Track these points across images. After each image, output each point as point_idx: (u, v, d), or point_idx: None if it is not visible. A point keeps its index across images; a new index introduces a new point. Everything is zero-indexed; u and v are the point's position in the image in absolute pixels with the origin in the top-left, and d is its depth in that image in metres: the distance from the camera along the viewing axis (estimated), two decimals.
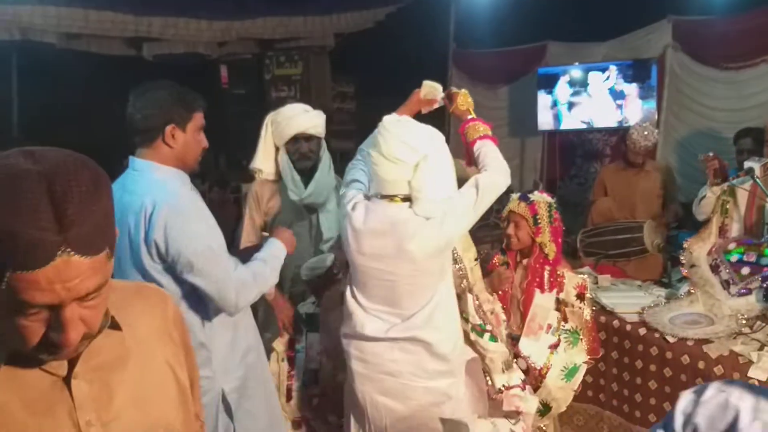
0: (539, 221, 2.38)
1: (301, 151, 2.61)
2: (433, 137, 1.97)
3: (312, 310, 2.58)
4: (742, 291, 2.70)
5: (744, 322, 2.52)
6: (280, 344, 2.54)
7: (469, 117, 2.25)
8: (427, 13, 6.97)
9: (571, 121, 6.00)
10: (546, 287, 2.37)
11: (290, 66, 7.31)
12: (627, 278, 3.44)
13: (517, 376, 2.30)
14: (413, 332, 1.99)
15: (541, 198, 2.44)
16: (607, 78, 5.68)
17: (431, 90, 2.34)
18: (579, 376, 2.35)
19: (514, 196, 2.52)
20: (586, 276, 2.43)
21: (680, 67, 5.38)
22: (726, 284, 2.76)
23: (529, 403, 2.29)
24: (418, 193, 1.90)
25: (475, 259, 2.33)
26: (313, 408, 2.54)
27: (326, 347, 2.48)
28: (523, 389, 2.29)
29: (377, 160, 1.92)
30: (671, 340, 2.59)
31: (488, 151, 2.14)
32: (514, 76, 6.72)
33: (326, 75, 7.51)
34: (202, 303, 1.90)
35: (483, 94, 7.08)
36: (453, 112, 2.32)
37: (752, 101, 4.86)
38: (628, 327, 2.80)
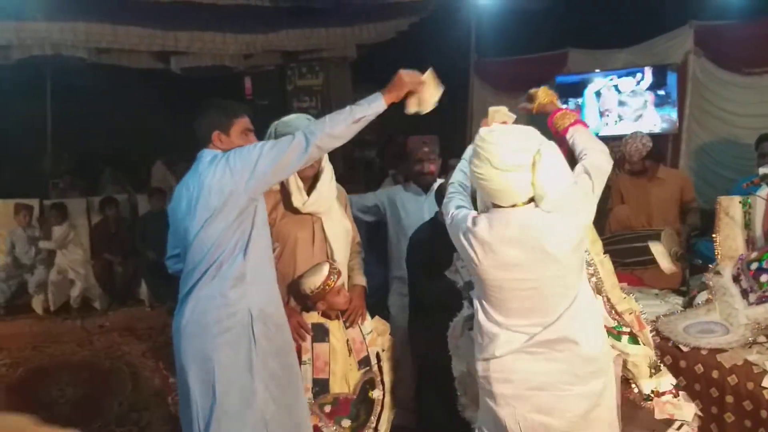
0: None
1: None
2: (532, 131, 1.94)
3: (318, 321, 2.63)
4: (761, 299, 2.67)
5: (759, 331, 2.50)
6: None
7: (554, 108, 2.22)
8: (449, 23, 7.02)
9: (594, 129, 5.99)
10: None
11: (312, 77, 7.42)
12: (644, 286, 3.41)
13: (667, 381, 2.18)
14: (561, 333, 1.91)
15: None
16: (638, 83, 5.64)
17: (497, 114, 2.26)
18: None
19: None
20: None
21: (702, 73, 5.33)
22: (745, 293, 2.73)
23: (685, 411, 2.17)
24: (544, 191, 1.85)
25: (604, 253, 2.22)
26: (327, 415, 2.59)
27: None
28: (676, 395, 2.18)
29: (490, 175, 1.87)
30: (684, 349, 2.57)
31: (580, 136, 2.12)
32: (535, 84, 6.65)
33: (347, 85, 7.59)
34: (251, 235, 2.26)
35: (505, 102, 6.97)
36: (537, 111, 2.29)
37: None
38: None
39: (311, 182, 2.71)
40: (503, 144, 1.87)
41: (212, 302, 2.24)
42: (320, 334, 2.67)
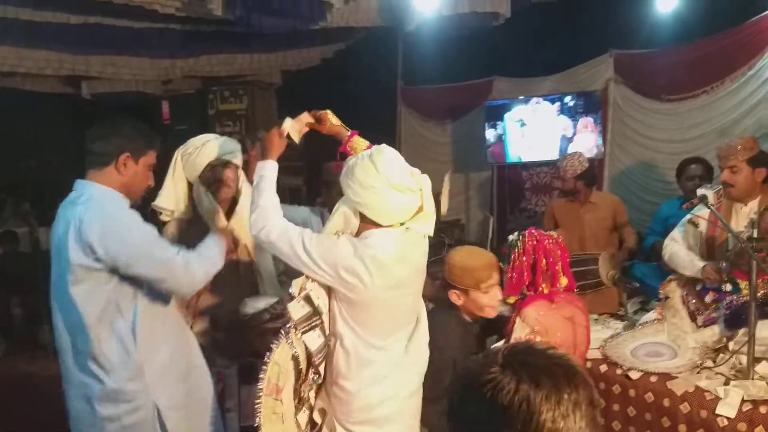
0: (506, 260, 2.30)
1: (220, 179, 2.45)
2: None
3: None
4: (707, 321, 2.63)
5: (706, 354, 2.44)
6: None
7: (350, 132, 2.27)
8: (375, 51, 6.97)
9: (518, 155, 6.02)
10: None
11: (235, 101, 7.17)
12: None
13: None
14: (425, 337, 2.12)
15: (511, 236, 2.34)
16: (558, 111, 5.70)
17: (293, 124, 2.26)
18: None
19: None
20: (529, 332, 2.26)
21: (623, 100, 5.46)
22: (693, 315, 2.69)
23: None
24: (427, 214, 2.01)
25: None
26: None
27: None
28: None
29: (383, 192, 1.89)
30: (634, 376, 2.47)
31: None
32: (461, 112, 6.75)
33: (272, 109, 7.37)
34: (135, 317, 1.94)
35: (431, 130, 7.10)
36: (328, 131, 2.28)
37: (694, 132, 4.93)
38: (589, 364, 2.68)
39: (230, 205, 2.49)
40: (399, 164, 1.93)
41: (105, 395, 1.91)
42: (247, 375, 2.42)
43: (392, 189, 1.89)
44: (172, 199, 2.49)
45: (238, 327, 2.39)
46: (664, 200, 4.58)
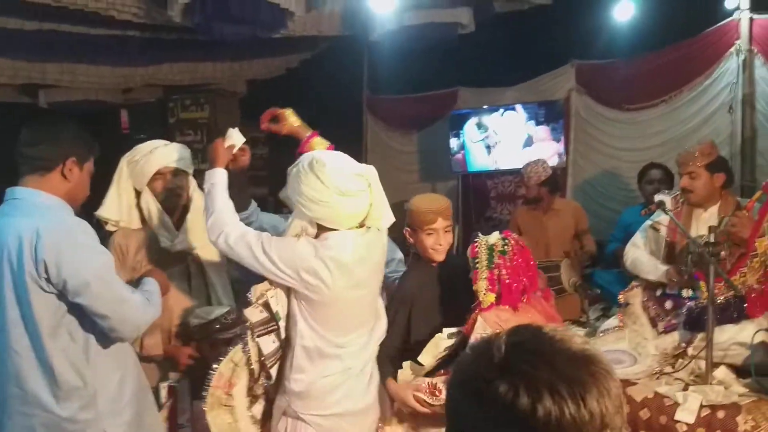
0: (476, 264, 2.19)
1: (168, 188, 2.37)
2: (346, 156, 2.11)
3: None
4: (668, 328, 2.62)
5: (665, 361, 2.43)
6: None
7: (309, 132, 2.30)
8: (341, 61, 6.95)
9: (481, 164, 6.04)
10: None
11: (196, 109, 7.04)
12: None
13: None
14: (382, 330, 2.18)
15: (485, 238, 2.24)
16: (525, 120, 5.73)
17: (234, 136, 2.31)
18: None
19: None
20: (491, 332, 2.22)
21: (584, 109, 5.52)
22: (654, 321, 2.69)
23: None
24: (378, 211, 2.04)
25: None
26: None
27: None
28: None
29: (333, 201, 1.92)
30: None
31: None
32: (426, 122, 6.75)
33: (235, 118, 7.27)
34: (89, 340, 1.85)
35: (398, 140, 7.09)
36: (288, 132, 2.33)
37: (654, 141, 5.02)
38: None
39: (180, 214, 2.41)
40: (344, 170, 1.97)
41: (53, 425, 1.80)
42: (199, 389, 2.33)
43: (343, 197, 1.93)
44: (115, 208, 2.38)
45: (189, 339, 2.31)
46: (625, 208, 4.63)
